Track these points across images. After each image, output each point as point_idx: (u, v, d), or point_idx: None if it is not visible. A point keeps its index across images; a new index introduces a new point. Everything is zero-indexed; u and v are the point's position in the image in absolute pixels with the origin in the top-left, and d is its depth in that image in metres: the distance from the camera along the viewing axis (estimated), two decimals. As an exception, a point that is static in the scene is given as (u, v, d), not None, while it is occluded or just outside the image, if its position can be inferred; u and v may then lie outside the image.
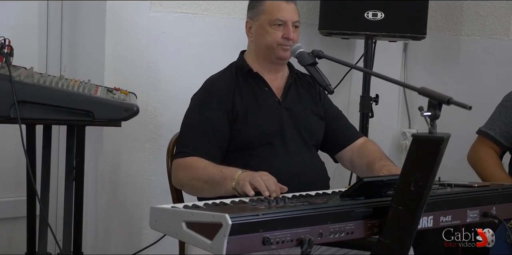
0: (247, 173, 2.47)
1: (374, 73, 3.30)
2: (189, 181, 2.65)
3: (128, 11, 3.41)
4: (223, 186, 2.50)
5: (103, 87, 2.91)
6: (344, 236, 2.15)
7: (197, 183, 2.62)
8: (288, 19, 2.78)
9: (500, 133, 3.22)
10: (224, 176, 2.51)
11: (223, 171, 2.54)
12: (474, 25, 3.99)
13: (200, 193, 2.65)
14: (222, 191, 2.48)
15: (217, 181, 2.53)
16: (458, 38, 4.05)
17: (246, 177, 2.43)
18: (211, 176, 2.56)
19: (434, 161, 2.12)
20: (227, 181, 2.49)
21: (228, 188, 2.47)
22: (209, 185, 2.56)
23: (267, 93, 2.83)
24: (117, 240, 3.50)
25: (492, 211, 2.49)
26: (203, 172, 2.60)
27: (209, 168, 2.60)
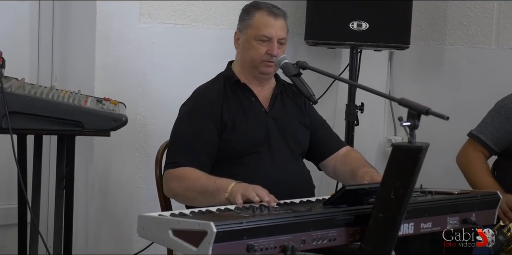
0: (241, 185, 2.52)
1: (355, 84, 3.39)
2: (183, 192, 2.70)
3: (118, 22, 3.47)
4: (217, 197, 2.54)
5: (93, 97, 2.96)
6: (326, 243, 2.21)
7: (190, 193, 2.66)
8: (274, 36, 2.83)
9: (491, 138, 3.27)
10: (218, 187, 2.56)
11: (217, 182, 2.59)
12: (457, 35, 4.07)
13: (193, 203, 2.68)
14: (216, 202, 2.52)
15: (210, 192, 2.58)
16: (442, 47, 4.13)
17: (240, 189, 2.47)
18: (204, 187, 2.61)
19: (414, 169, 2.19)
20: (220, 192, 2.53)
21: (222, 199, 2.52)
22: (202, 196, 2.61)
23: (254, 103, 2.89)
24: (107, 247, 3.55)
25: (471, 218, 2.56)
26: (197, 183, 2.64)
27: (203, 179, 2.65)
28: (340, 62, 4.22)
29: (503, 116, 3.25)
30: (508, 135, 3.23)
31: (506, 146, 3.25)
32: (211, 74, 3.01)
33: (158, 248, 2.99)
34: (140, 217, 2.22)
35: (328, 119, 4.19)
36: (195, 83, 2.99)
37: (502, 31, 3.87)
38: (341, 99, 4.07)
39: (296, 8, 3.98)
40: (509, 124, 3.23)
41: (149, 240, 2.23)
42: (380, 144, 4.35)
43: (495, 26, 3.91)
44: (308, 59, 3.72)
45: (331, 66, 4.18)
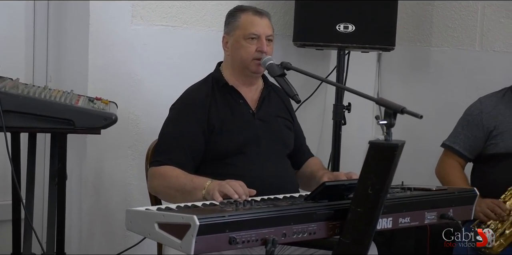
0: (216, 182, 2.59)
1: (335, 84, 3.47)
2: (163, 189, 2.79)
3: (111, 24, 3.54)
4: (194, 195, 2.62)
5: (85, 97, 3.04)
6: (307, 236, 2.29)
7: (170, 191, 2.75)
8: (262, 33, 2.91)
9: (464, 146, 3.36)
10: (195, 186, 2.64)
11: (194, 180, 2.67)
12: (443, 37, 4.15)
13: (173, 201, 2.74)
14: (193, 200, 2.58)
15: (188, 190, 2.66)
16: (429, 48, 4.21)
17: (215, 186, 2.54)
18: (182, 185, 2.69)
19: (390, 166, 2.26)
20: (197, 191, 2.62)
21: (199, 197, 2.60)
22: (180, 194, 2.69)
23: (241, 105, 2.94)
24: (100, 242, 3.62)
25: (449, 213, 2.64)
26: (176, 181, 2.72)
27: (181, 177, 2.72)
28: (329, 63, 4.29)
29: (471, 123, 3.35)
30: (479, 141, 3.33)
31: (479, 152, 3.35)
32: (201, 74, 3.07)
33: (151, 242, 3.07)
34: (128, 211, 2.31)
35: (317, 119, 4.32)
36: (186, 83, 3.05)
37: (486, 34, 3.95)
38: (330, 99, 4.13)
39: (285, 11, 4.06)
40: (478, 131, 3.33)
41: (136, 233, 2.30)
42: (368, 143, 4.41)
43: (479, 28, 4.00)
44: (297, 60, 3.85)
45: (320, 67, 4.26)
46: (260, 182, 2.76)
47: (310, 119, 4.15)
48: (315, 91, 4.17)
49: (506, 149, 3.25)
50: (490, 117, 3.31)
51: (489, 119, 3.31)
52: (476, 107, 3.37)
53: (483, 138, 3.32)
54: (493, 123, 3.29)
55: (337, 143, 3.93)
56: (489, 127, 3.30)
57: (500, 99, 3.35)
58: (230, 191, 2.49)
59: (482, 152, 3.33)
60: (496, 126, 3.29)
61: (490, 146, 3.29)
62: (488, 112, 3.32)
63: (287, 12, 4.04)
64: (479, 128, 3.32)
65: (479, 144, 3.33)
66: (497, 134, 3.28)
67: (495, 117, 3.31)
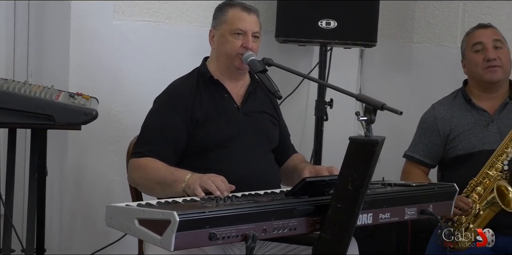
0: (196, 176, 2.59)
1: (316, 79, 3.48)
2: (143, 181, 2.78)
3: (92, 19, 3.54)
4: (173, 188, 2.62)
5: (66, 92, 3.03)
6: (287, 232, 2.30)
7: (149, 183, 2.74)
8: (248, 29, 2.90)
9: (424, 154, 3.39)
10: (175, 178, 2.63)
11: (174, 173, 2.66)
12: (424, 33, 4.17)
13: (153, 193, 2.78)
14: (173, 193, 2.60)
15: (168, 183, 2.65)
16: (410, 45, 4.22)
17: (196, 181, 2.54)
18: (162, 178, 2.68)
19: (370, 162, 2.28)
20: (177, 183, 2.61)
21: (178, 190, 2.59)
22: (160, 186, 2.69)
23: (226, 99, 2.94)
24: (81, 239, 3.62)
25: (429, 209, 2.66)
26: (156, 173, 2.72)
27: (161, 169, 2.72)
28: (311, 59, 4.29)
29: (428, 130, 3.38)
30: (438, 147, 3.36)
31: (441, 157, 3.38)
32: (184, 70, 3.07)
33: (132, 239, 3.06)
34: (108, 207, 2.30)
35: (300, 115, 4.32)
36: (168, 79, 3.04)
37: (466, 30, 3.94)
38: (313, 95, 4.13)
39: (268, 6, 4.06)
40: (435, 137, 3.36)
41: (116, 229, 2.30)
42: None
43: (460, 25, 4.02)
44: (280, 56, 3.85)
45: (302, 63, 4.26)
46: (242, 176, 2.76)
47: (293, 115, 4.15)
48: (297, 87, 4.17)
49: (465, 150, 3.29)
50: (444, 121, 3.35)
51: (444, 124, 3.35)
52: (430, 114, 3.41)
53: (442, 143, 3.35)
54: (449, 127, 3.33)
55: (319, 139, 3.94)
56: (445, 131, 3.34)
57: (452, 102, 3.40)
58: (212, 187, 2.49)
59: (444, 157, 3.37)
60: (451, 129, 3.33)
61: (450, 150, 3.33)
62: (442, 117, 3.36)
63: (270, 7, 4.04)
64: (436, 134, 3.36)
65: (439, 149, 3.37)
66: (454, 137, 3.32)
67: (449, 120, 3.35)
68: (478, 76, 3.33)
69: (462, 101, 3.37)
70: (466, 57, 3.39)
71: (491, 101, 3.35)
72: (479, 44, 3.32)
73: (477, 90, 3.37)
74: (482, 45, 3.32)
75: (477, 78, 3.34)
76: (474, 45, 3.34)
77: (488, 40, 3.32)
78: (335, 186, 2.34)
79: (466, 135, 3.30)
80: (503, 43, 3.34)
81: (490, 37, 3.33)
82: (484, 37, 3.33)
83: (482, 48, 3.32)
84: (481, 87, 3.36)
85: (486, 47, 3.31)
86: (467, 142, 3.29)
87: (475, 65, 3.32)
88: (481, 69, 3.30)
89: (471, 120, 3.32)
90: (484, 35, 3.34)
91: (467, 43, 3.38)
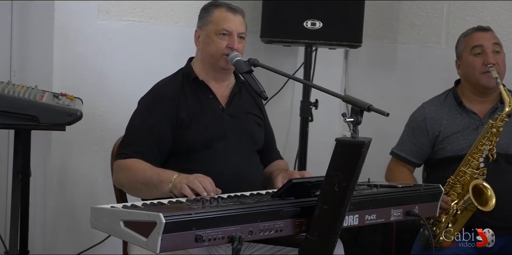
0: (183, 176, 2.58)
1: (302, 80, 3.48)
2: (129, 183, 2.76)
3: (76, 19, 3.52)
4: (160, 188, 2.61)
5: (50, 93, 3.01)
6: (273, 233, 2.29)
7: (135, 184, 2.72)
8: (234, 30, 2.89)
9: (411, 153, 3.39)
10: (161, 179, 2.62)
11: (160, 174, 2.65)
12: (409, 34, 4.18)
13: (139, 194, 2.76)
14: (160, 193, 2.58)
15: (154, 183, 2.64)
16: (395, 45, 4.24)
17: (183, 180, 2.53)
18: (148, 178, 2.67)
19: (356, 163, 2.28)
20: (164, 184, 2.60)
21: (165, 190, 2.58)
22: (147, 187, 2.67)
23: (211, 100, 2.93)
24: (65, 240, 3.60)
25: (414, 210, 2.66)
26: (142, 174, 2.70)
27: (147, 170, 2.70)
28: (296, 59, 4.29)
29: (417, 130, 3.38)
30: (425, 147, 3.36)
31: (428, 157, 3.39)
32: (168, 70, 3.06)
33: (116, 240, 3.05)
34: (93, 209, 2.29)
35: (284, 115, 4.32)
36: (152, 79, 3.03)
37: (451, 31, 3.98)
38: (297, 95, 4.15)
39: (253, 7, 4.05)
40: (423, 137, 3.36)
41: (101, 231, 2.29)
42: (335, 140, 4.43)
43: (445, 26, 4.03)
44: (265, 56, 3.86)
45: (287, 63, 4.26)
46: (227, 177, 2.75)
47: (277, 116, 4.15)
48: (282, 88, 4.17)
49: (453, 152, 3.29)
50: (434, 122, 3.35)
51: (433, 124, 3.35)
52: (420, 113, 3.40)
53: (430, 144, 3.36)
54: (438, 128, 3.34)
55: (304, 139, 3.94)
56: (434, 132, 3.34)
57: (442, 103, 3.39)
58: (199, 187, 2.48)
59: (432, 157, 3.37)
60: (440, 131, 3.33)
61: (439, 151, 3.34)
62: (432, 117, 3.36)
63: (255, 8, 4.04)
64: (424, 134, 3.36)
65: (426, 149, 3.37)
66: (443, 139, 3.32)
67: (439, 122, 3.35)
68: (474, 79, 3.31)
69: (453, 103, 3.37)
70: (463, 59, 3.36)
71: (482, 104, 3.35)
72: (478, 47, 3.29)
73: (469, 92, 3.37)
74: (481, 48, 3.29)
75: (473, 82, 3.33)
76: (474, 48, 3.30)
77: (488, 43, 3.29)
78: (321, 188, 2.34)
79: (455, 137, 3.30)
80: (501, 47, 3.33)
81: (490, 41, 3.31)
82: (484, 41, 3.31)
83: (481, 51, 3.29)
84: (475, 90, 3.35)
85: (486, 51, 3.28)
86: (456, 145, 3.29)
87: (473, 68, 3.30)
88: (479, 73, 3.28)
89: (461, 122, 3.33)
90: (484, 39, 3.31)
91: (465, 44, 3.35)
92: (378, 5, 4.25)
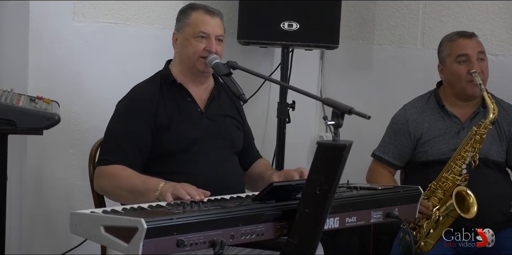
0: (170, 184, 2.57)
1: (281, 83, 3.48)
2: (113, 190, 2.74)
3: (51, 21, 3.49)
4: (146, 196, 2.59)
5: (26, 96, 2.97)
6: (255, 237, 2.28)
7: (120, 192, 2.71)
8: (212, 33, 2.89)
9: (393, 156, 3.40)
10: (148, 187, 2.61)
11: (146, 182, 2.64)
12: (385, 35, 4.19)
13: (123, 201, 2.73)
14: (146, 201, 2.53)
15: (140, 191, 2.62)
16: (371, 46, 4.25)
17: (169, 189, 2.52)
18: (134, 186, 2.66)
19: (338, 166, 2.27)
20: (150, 192, 2.58)
21: (152, 198, 2.56)
22: (132, 195, 2.65)
23: (189, 103, 2.92)
24: (41, 244, 3.56)
25: (394, 212, 2.66)
26: (127, 181, 2.69)
27: (133, 178, 2.69)
28: (272, 60, 4.29)
29: (399, 132, 3.39)
30: (407, 149, 3.38)
31: (409, 159, 3.41)
32: (144, 72, 3.05)
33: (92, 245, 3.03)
34: (73, 214, 2.25)
35: (261, 117, 4.32)
36: (129, 82, 3.02)
37: (427, 32, 4.01)
38: (274, 97, 4.15)
39: (229, 8, 4.04)
40: (405, 139, 3.37)
41: (81, 236, 2.26)
42: (312, 141, 4.45)
43: (421, 26, 4.05)
44: (242, 57, 3.84)
45: (264, 64, 4.26)
46: (206, 180, 2.75)
47: (254, 117, 4.14)
48: (259, 89, 4.17)
49: (435, 156, 3.31)
50: (416, 125, 3.36)
51: (415, 127, 3.36)
52: (402, 115, 3.42)
53: (411, 146, 3.37)
54: (420, 131, 3.35)
55: (282, 141, 3.94)
56: (416, 135, 3.36)
57: (425, 105, 3.41)
58: (185, 197, 2.47)
59: (413, 160, 3.39)
60: (422, 134, 3.35)
61: (419, 154, 3.35)
62: (414, 120, 3.37)
63: (231, 9, 4.03)
64: (406, 136, 3.37)
65: (408, 152, 3.39)
66: (424, 142, 3.34)
67: (421, 124, 3.36)
68: (460, 88, 3.32)
69: (435, 106, 3.38)
70: (446, 65, 3.36)
71: (464, 109, 3.37)
72: (464, 56, 3.30)
73: (451, 97, 3.38)
74: (467, 57, 3.30)
75: (458, 89, 3.34)
76: (459, 57, 3.31)
77: (473, 52, 3.30)
78: (302, 191, 2.33)
79: (437, 141, 3.32)
80: (485, 54, 3.35)
81: (475, 49, 3.31)
82: (470, 49, 3.31)
83: (466, 60, 3.30)
84: (458, 96, 3.36)
85: (471, 59, 3.29)
86: (438, 148, 3.31)
87: (458, 77, 3.31)
88: (464, 82, 3.29)
89: (442, 126, 3.34)
90: (470, 47, 3.32)
91: (450, 51, 3.35)
92: (354, 6, 4.26)
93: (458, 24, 3.68)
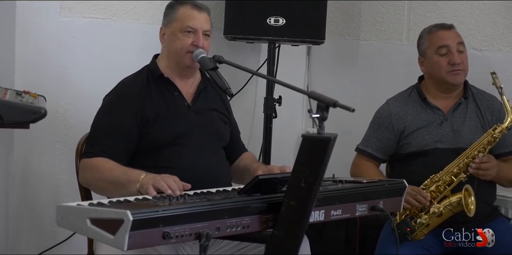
0: (150, 176, 2.58)
1: (268, 77, 3.49)
2: (96, 182, 2.75)
3: (38, 15, 3.48)
4: (128, 188, 2.60)
5: (13, 90, 2.96)
6: (240, 230, 2.29)
7: (103, 184, 2.72)
8: (199, 28, 2.90)
9: (377, 149, 3.43)
10: (129, 179, 2.61)
11: (128, 173, 2.65)
12: (371, 30, 4.22)
13: (106, 194, 2.74)
14: (127, 193, 2.56)
15: (122, 183, 2.63)
16: (357, 42, 4.27)
17: (149, 180, 2.53)
18: (116, 178, 2.66)
19: (323, 159, 2.29)
20: (131, 184, 2.59)
21: (133, 190, 2.57)
22: (114, 187, 2.66)
23: (176, 97, 2.93)
24: (28, 239, 3.56)
25: (379, 205, 2.67)
26: (109, 174, 2.70)
27: (115, 170, 2.70)
28: (259, 56, 4.31)
29: (382, 126, 3.42)
30: (391, 143, 3.41)
31: (393, 152, 3.43)
32: (131, 67, 3.05)
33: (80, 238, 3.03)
34: (59, 207, 2.26)
35: (248, 112, 4.34)
36: (116, 76, 3.02)
37: (412, 28, 4.03)
38: (261, 92, 4.16)
39: (216, 3, 4.05)
40: (389, 133, 3.40)
41: (68, 229, 2.26)
42: (298, 136, 4.45)
43: (406, 22, 4.08)
44: (228, 53, 3.85)
45: (250, 60, 4.27)
46: (193, 174, 2.76)
47: (241, 112, 4.16)
48: (245, 84, 4.18)
49: (418, 147, 3.33)
50: (399, 118, 3.39)
51: (398, 120, 3.39)
52: (385, 109, 3.45)
53: (395, 139, 3.40)
54: (403, 124, 3.38)
55: (268, 136, 3.95)
56: (399, 128, 3.38)
57: (407, 99, 3.44)
58: (164, 186, 2.48)
59: (397, 152, 3.41)
60: (406, 126, 3.37)
61: (404, 146, 3.38)
62: (397, 113, 3.40)
63: (218, 5, 4.04)
64: (390, 130, 3.40)
65: (392, 145, 3.41)
66: (408, 134, 3.36)
67: (404, 117, 3.39)
68: (440, 78, 3.35)
69: (417, 99, 3.41)
70: (427, 57, 3.39)
71: (446, 100, 3.40)
72: (444, 48, 3.33)
73: (433, 89, 3.41)
74: (447, 48, 3.33)
75: (439, 80, 3.37)
76: (440, 48, 3.33)
77: (453, 43, 3.33)
78: (288, 184, 2.35)
79: (420, 133, 3.35)
80: (464, 45, 3.38)
81: (454, 40, 3.35)
82: (449, 40, 3.34)
83: (447, 51, 3.33)
84: (439, 87, 3.40)
85: (451, 51, 3.32)
86: (421, 140, 3.33)
87: (439, 68, 3.34)
88: (444, 72, 3.32)
89: (425, 118, 3.37)
90: (449, 38, 3.35)
91: (430, 43, 3.38)
92: (340, 2, 4.29)
93: (443, 19, 3.70)
